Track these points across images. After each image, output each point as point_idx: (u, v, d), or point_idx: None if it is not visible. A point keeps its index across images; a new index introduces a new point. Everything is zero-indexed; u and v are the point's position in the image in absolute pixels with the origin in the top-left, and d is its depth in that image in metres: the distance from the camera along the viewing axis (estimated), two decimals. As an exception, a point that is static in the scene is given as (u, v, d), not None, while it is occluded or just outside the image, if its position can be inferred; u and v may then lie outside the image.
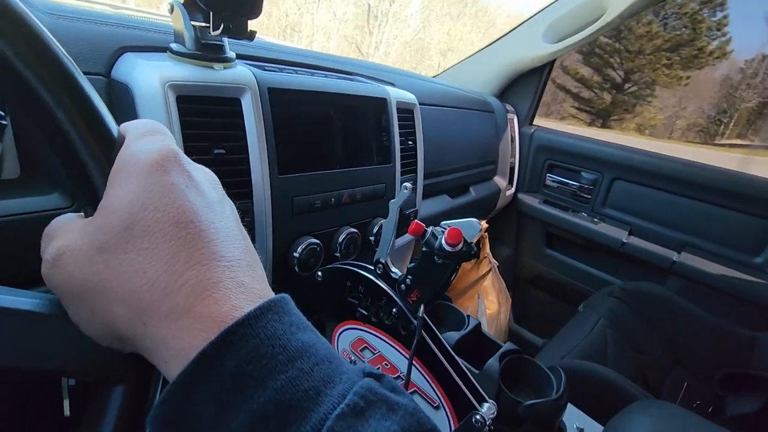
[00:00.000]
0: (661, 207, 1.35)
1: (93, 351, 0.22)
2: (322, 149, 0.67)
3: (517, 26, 1.42)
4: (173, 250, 0.20)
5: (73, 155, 0.22)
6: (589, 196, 1.48)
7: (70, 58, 0.22)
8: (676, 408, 0.67)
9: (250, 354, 0.18)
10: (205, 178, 0.24)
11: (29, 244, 0.45)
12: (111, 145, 0.22)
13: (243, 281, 0.21)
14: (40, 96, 0.20)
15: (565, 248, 1.54)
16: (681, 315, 1.18)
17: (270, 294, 0.22)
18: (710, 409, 1.06)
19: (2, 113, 0.29)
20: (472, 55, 1.52)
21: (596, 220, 1.44)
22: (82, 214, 0.23)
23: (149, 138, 0.23)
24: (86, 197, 0.22)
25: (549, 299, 1.63)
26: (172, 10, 0.53)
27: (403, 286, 0.49)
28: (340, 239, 0.69)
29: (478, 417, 0.46)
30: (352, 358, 0.58)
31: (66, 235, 0.21)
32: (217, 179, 0.25)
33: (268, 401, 0.18)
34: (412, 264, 0.48)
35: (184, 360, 0.18)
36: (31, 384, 0.47)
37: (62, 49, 0.22)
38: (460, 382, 0.48)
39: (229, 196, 0.56)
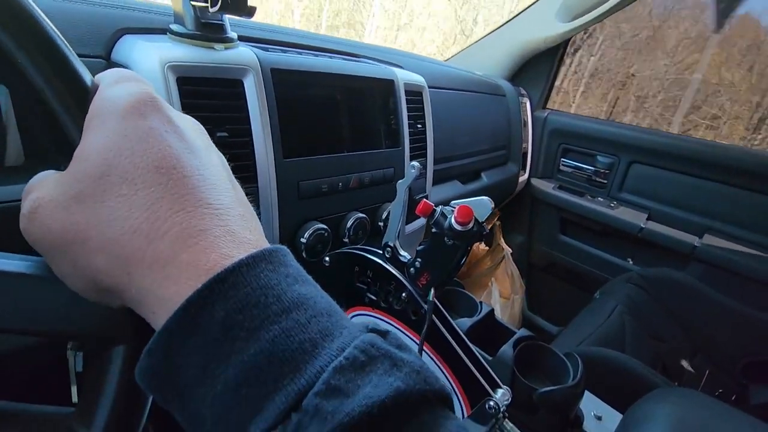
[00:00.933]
0: (681, 190, 1.30)
1: (88, 311, 0.22)
2: (329, 132, 0.66)
3: (529, 6, 1.38)
4: (155, 196, 0.18)
5: (44, 105, 0.21)
6: (605, 181, 1.44)
7: (38, 9, 0.21)
8: (700, 395, 0.65)
9: (241, 303, 0.17)
10: (188, 125, 0.23)
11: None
12: (84, 94, 0.22)
13: (234, 230, 0.20)
14: (5, 46, 0.20)
15: (581, 234, 1.51)
16: (702, 301, 1.14)
17: (265, 245, 0.21)
18: (733, 398, 1.03)
19: None
20: (483, 37, 1.48)
21: (613, 205, 1.40)
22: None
23: (124, 83, 0.21)
24: (62, 149, 0.22)
25: (564, 286, 1.60)
26: (171, -10, 0.52)
27: (412, 269, 0.47)
28: (348, 224, 0.68)
29: (491, 403, 0.45)
30: (362, 344, 0.57)
31: (42, 188, 0.20)
32: (203, 128, 0.24)
33: (260, 353, 0.17)
34: (421, 246, 0.46)
35: (170, 309, 0.17)
36: (37, 367, 0.47)
37: (32, 3, 0.21)
38: (473, 368, 0.46)
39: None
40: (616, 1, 1.18)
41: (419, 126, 0.83)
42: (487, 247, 1.54)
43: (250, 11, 0.49)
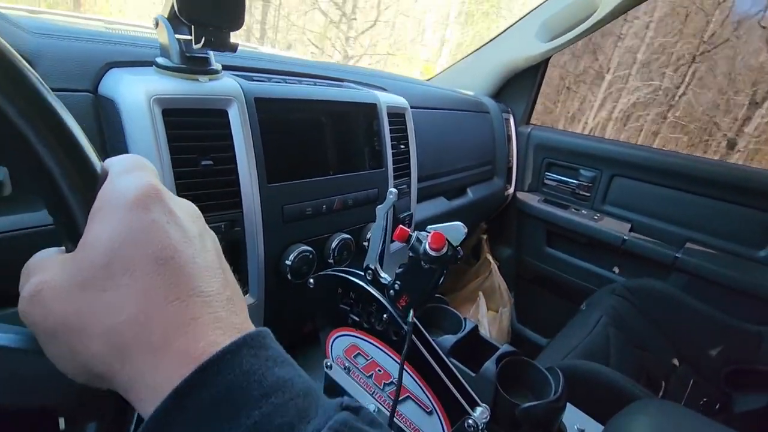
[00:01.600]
0: (661, 202, 1.34)
1: (67, 387, 0.22)
2: (312, 156, 0.67)
3: (510, 26, 1.42)
4: (152, 285, 0.20)
5: (55, 190, 0.22)
6: (588, 194, 1.47)
7: (51, 91, 0.22)
8: (676, 407, 0.66)
9: (224, 390, 0.19)
10: (186, 212, 0.24)
11: (18, 261, 0.46)
12: (93, 181, 0.22)
13: (221, 315, 0.21)
14: (20, 130, 0.20)
15: (566, 246, 1.53)
16: (684, 311, 1.17)
17: (249, 327, 0.22)
18: (717, 407, 1.05)
19: None
20: (466, 56, 1.53)
21: (596, 217, 1.43)
22: (63, 249, 0.23)
23: (132, 174, 0.23)
24: (67, 232, 0.22)
25: (552, 298, 1.62)
26: (157, 25, 0.54)
27: (392, 291, 0.48)
28: (333, 246, 0.69)
29: (470, 422, 0.46)
30: (346, 364, 0.58)
31: (45, 271, 0.21)
32: (199, 212, 0.25)
33: None
34: (400, 269, 0.47)
35: (159, 396, 0.18)
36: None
37: (42, 82, 0.22)
38: (451, 387, 0.47)
39: (219, 206, 0.56)
40: (592, 23, 1.23)
41: (402, 147, 0.85)
42: (475, 260, 1.56)
43: (233, 47, 0.51)
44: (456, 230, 0.43)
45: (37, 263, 0.22)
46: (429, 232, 0.43)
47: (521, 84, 1.53)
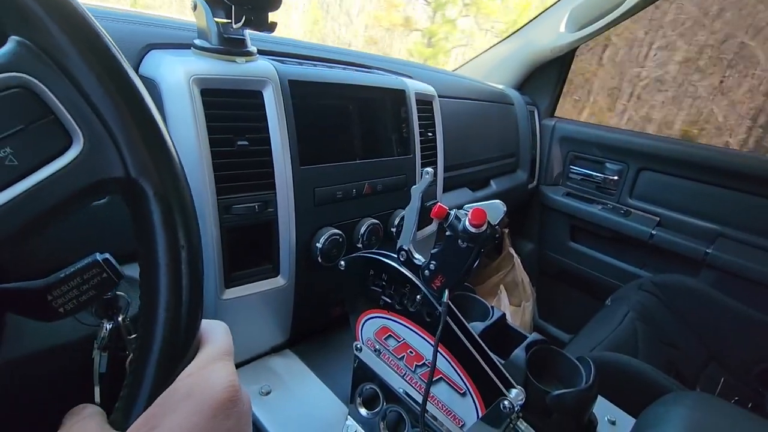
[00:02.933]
0: (691, 197, 1.30)
1: None
2: (343, 141, 0.68)
3: (536, 17, 1.40)
4: None
5: (144, 368, 0.22)
6: (614, 188, 1.44)
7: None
8: (715, 399, 0.64)
9: None
10: (248, 412, 0.24)
11: (65, 234, 0.47)
12: (186, 360, 0.23)
13: None
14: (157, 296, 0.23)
15: (591, 241, 1.50)
16: (715, 308, 1.13)
17: None
18: (749, 406, 1.01)
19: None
20: (491, 47, 1.51)
21: (623, 211, 1.40)
22: (104, 417, 0.23)
23: (220, 366, 0.23)
24: (127, 406, 0.22)
25: (575, 294, 1.59)
26: (195, 8, 0.54)
27: (426, 272, 0.48)
28: (362, 230, 0.69)
29: (506, 403, 0.46)
30: (377, 347, 0.58)
31: None
32: (250, 408, 0.25)
33: None
34: (435, 249, 0.47)
35: None
36: (60, 373, 0.49)
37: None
38: (487, 368, 0.47)
39: (253, 187, 0.56)
40: (622, 12, 1.20)
41: (430, 134, 0.84)
42: (497, 254, 1.54)
43: (271, 26, 0.52)
44: (496, 209, 0.42)
45: None
46: (467, 210, 0.42)
47: (546, 76, 1.51)
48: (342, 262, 0.59)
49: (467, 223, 0.41)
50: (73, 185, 0.21)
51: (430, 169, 0.48)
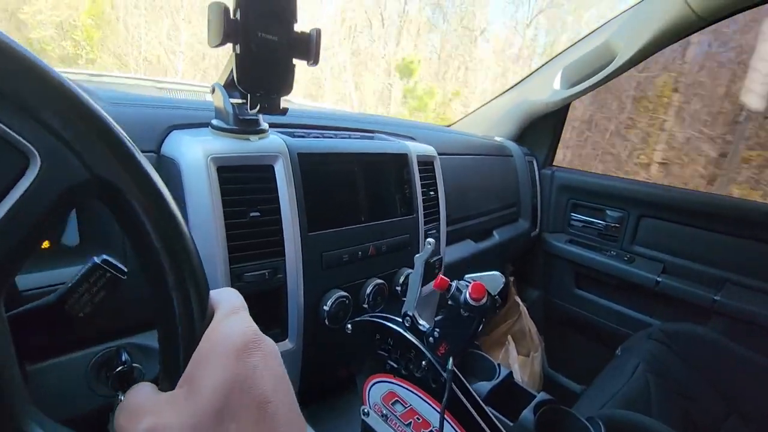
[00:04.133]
0: (694, 243, 1.31)
1: None
2: (349, 205, 0.71)
3: (530, 74, 1.48)
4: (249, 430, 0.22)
5: (171, 330, 0.25)
6: (616, 235, 1.45)
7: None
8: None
9: None
10: (273, 352, 0.26)
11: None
12: (204, 325, 0.25)
13: None
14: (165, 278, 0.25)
15: (596, 288, 1.50)
16: (730, 358, 1.11)
17: None
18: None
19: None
20: (488, 102, 1.58)
21: (626, 258, 1.40)
22: (155, 386, 0.25)
23: (235, 318, 0.26)
24: (168, 372, 0.25)
25: (583, 342, 1.56)
26: (213, 91, 0.60)
27: (431, 338, 0.50)
28: (368, 291, 0.71)
29: (514, 474, 0.45)
30: (384, 412, 0.58)
31: (157, 414, 0.22)
32: (278, 350, 0.27)
33: None
34: (439, 317, 0.49)
35: None
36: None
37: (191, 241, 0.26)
38: (493, 437, 0.47)
39: (263, 254, 0.59)
40: (610, 71, 1.27)
41: (432, 193, 0.88)
42: (503, 303, 1.54)
43: (284, 111, 0.56)
44: (494, 279, 0.44)
45: (144, 404, 0.23)
46: (468, 282, 0.45)
47: (543, 128, 1.57)
48: (349, 326, 0.61)
49: (468, 296, 0.43)
50: (46, 200, 0.21)
51: (431, 240, 0.51)
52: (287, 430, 0.23)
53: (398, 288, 0.77)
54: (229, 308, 0.26)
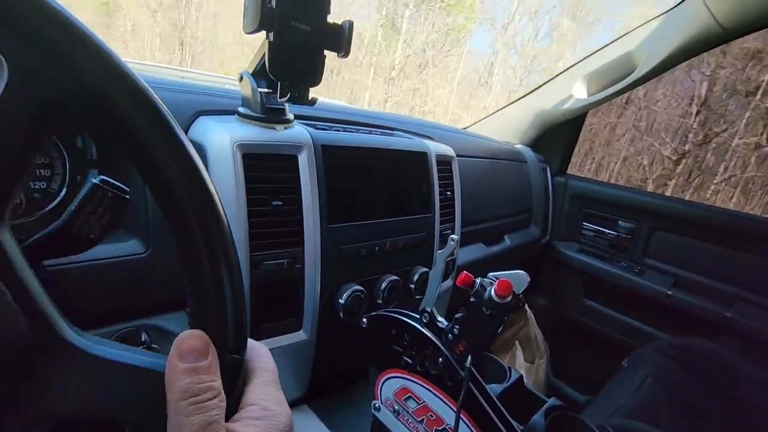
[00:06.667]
0: (706, 258, 1.30)
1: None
2: (368, 200, 0.71)
3: (549, 80, 1.48)
4: None
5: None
6: (627, 246, 1.44)
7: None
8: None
9: None
10: None
11: (106, 286, 0.50)
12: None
13: None
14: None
15: (605, 298, 1.49)
16: (742, 376, 1.10)
17: None
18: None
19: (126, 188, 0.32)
20: (505, 106, 1.58)
21: (637, 270, 1.39)
22: None
23: (280, 403, 0.25)
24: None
25: (590, 352, 1.55)
26: (241, 79, 0.60)
27: (450, 336, 0.49)
28: (383, 286, 0.71)
29: (528, 476, 0.45)
30: (396, 407, 0.58)
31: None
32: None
33: None
34: (459, 314, 0.49)
35: None
36: None
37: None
38: (509, 438, 0.47)
39: (283, 244, 0.60)
40: (632, 80, 1.26)
41: (448, 193, 0.88)
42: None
43: (312, 102, 0.56)
44: (519, 279, 0.44)
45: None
46: (493, 280, 0.44)
47: (558, 135, 1.56)
48: (364, 320, 0.61)
49: (493, 293, 0.43)
50: (23, 110, 0.20)
51: (455, 236, 0.51)
52: None
53: (412, 285, 0.77)
54: (271, 376, 0.26)
